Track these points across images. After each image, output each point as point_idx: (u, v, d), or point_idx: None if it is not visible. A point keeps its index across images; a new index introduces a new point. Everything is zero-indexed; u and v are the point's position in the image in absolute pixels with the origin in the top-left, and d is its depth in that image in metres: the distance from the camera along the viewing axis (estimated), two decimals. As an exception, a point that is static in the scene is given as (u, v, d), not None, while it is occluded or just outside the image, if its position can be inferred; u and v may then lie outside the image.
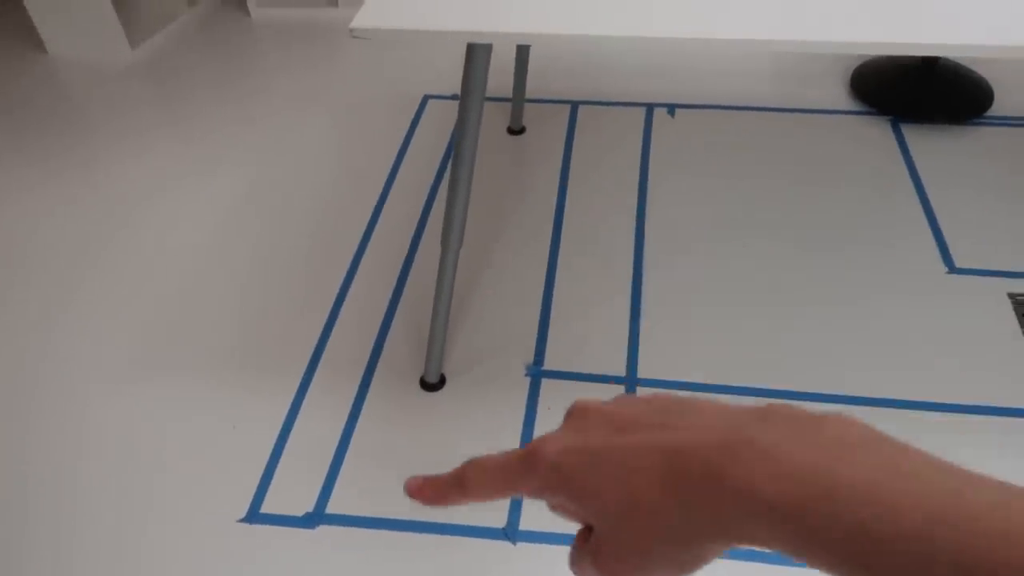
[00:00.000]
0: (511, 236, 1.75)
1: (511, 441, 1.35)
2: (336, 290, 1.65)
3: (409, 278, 1.67)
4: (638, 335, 1.51)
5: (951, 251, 1.64)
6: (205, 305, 1.64)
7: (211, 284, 1.69)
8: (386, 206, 1.85)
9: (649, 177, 1.88)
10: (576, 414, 0.32)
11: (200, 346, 1.55)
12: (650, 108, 2.10)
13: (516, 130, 2.05)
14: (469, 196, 1.28)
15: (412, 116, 2.14)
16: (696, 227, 1.74)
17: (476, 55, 1.15)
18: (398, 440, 1.37)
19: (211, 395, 1.46)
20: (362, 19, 1.02)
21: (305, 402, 1.44)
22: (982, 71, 2.11)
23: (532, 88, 2.17)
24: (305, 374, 1.49)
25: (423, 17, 1.03)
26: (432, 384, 1.44)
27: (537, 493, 0.31)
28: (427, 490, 0.34)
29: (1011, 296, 1.53)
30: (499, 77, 2.12)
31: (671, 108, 2.10)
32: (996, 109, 2.02)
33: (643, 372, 1.44)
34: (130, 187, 1.96)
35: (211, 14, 2.74)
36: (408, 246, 1.75)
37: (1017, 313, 1.50)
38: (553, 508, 0.33)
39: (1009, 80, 2.09)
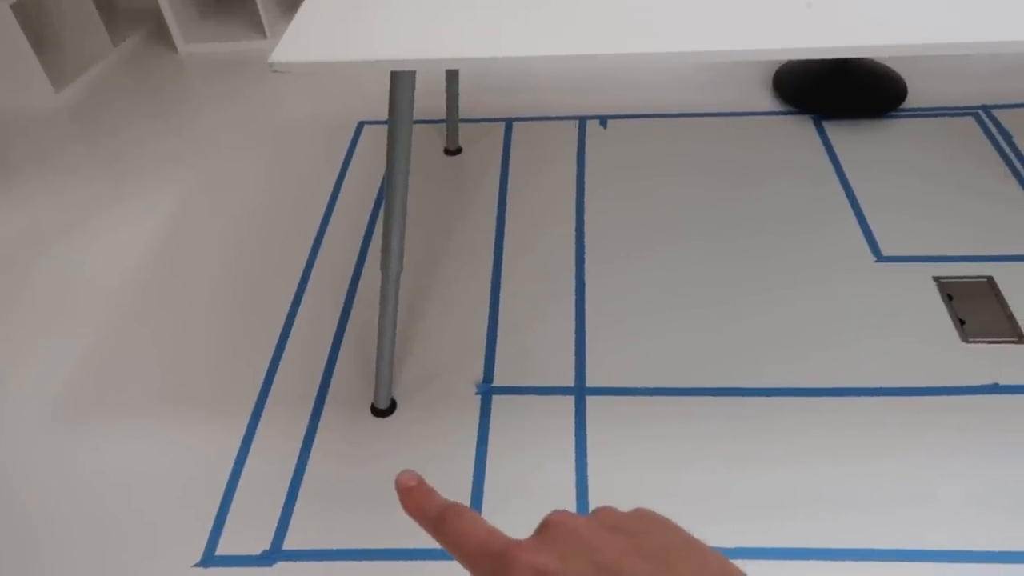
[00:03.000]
0: (454, 255, 1.76)
1: (465, 462, 1.35)
2: (281, 323, 1.63)
3: (354, 305, 1.67)
4: (584, 344, 1.53)
5: (878, 240, 1.71)
6: (142, 344, 1.61)
7: (148, 322, 1.66)
8: (327, 235, 1.85)
9: (586, 188, 1.91)
10: (555, 531, 0.30)
11: (139, 387, 1.52)
12: (583, 121, 2.14)
13: (452, 150, 2.06)
14: (405, 220, 1.28)
15: (348, 143, 2.14)
16: (634, 233, 1.77)
17: (400, 82, 1.17)
18: (352, 470, 1.36)
19: (156, 438, 1.43)
20: (281, 53, 1.02)
21: (255, 439, 1.42)
22: (896, 66, 2.21)
23: (466, 108, 2.19)
24: (254, 410, 1.47)
25: (343, 47, 1.04)
26: (383, 410, 1.44)
27: None
28: (412, 501, 0.33)
29: (936, 279, 1.60)
30: (432, 99, 2.14)
31: (603, 120, 2.14)
32: (911, 101, 2.11)
33: (591, 381, 1.46)
34: (55, 224, 1.92)
35: (138, 53, 2.71)
36: (351, 273, 1.74)
37: (942, 295, 1.57)
38: None
39: (921, 73, 2.18)
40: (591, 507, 1.27)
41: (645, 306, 1.60)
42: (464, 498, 1.30)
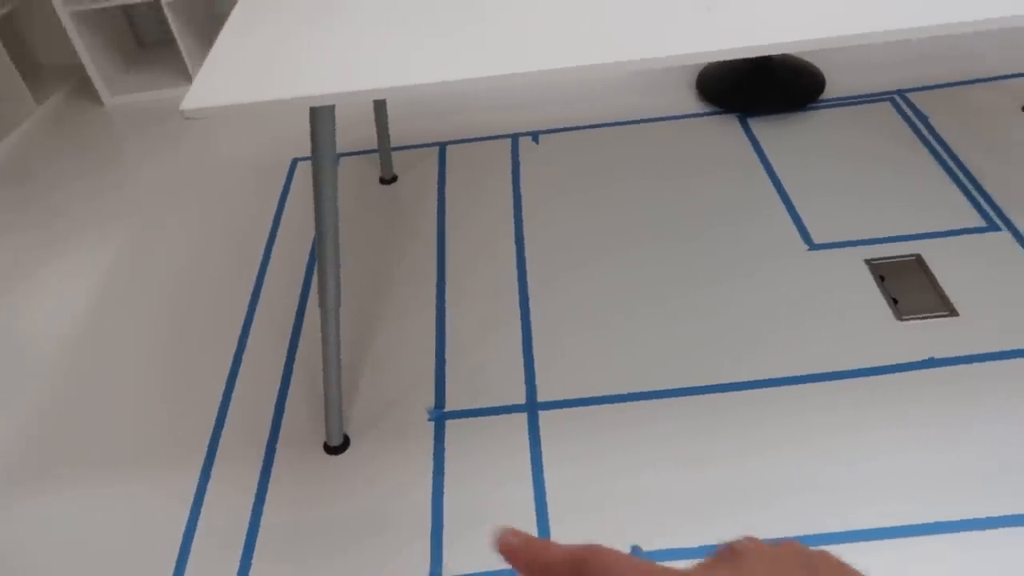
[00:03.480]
0: (397, 284, 1.76)
1: (423, 491, 1.34)
2: (227, 370, 1.61)
3: (300, 345, 1.65)
4: (532, 360, 1.54)
5: (808, 229, 1.75)
6: (85, 405, 1.57)
7: (90, 381, 1.62)
8: (267, 276, 1.83)
9: (523, 204, 1.93)
10: (743, 560, 0.27)
11: (84, 450, 1.48)
12: (515, 138, 2.16)
13: (388, 179, 2.06)
14: (339, 253, 1.28)
15: (283, 181, 2.13)
16: (574, 243, 1.79)
17: (319, 117, 1.17)
18: (308, 514, 1.34)
19: (103, 503, 1.39)
20: (192, 99, 1.02)
21: (207, 494, 1.39)
22: (813, 60, 2.28)
23: (398, 135, 2.20)
24: (204, 463, 1.44)
25: (255, 87, 1.03)
26: (335, 447, 1.42)
27: None
28: (524, 560, 0.28)
29: (867, 262, 1.64)
30: (364, 129, 2.15)
31: (535, 135, 2.16)
32: (829, 92, 2.18)
33: (542, 395, 1.47)
34: (-7, 300, 1.87)
35: (63, 109, 2.66)
36: (295, 312, 1.72)
37: (874, 276, 1.61)
38: None
39: (837, 65, 2.26)
40: (551, 523, 1.27)
41: (589, 316, 1.62)
42: (424, 528, 1.29)
